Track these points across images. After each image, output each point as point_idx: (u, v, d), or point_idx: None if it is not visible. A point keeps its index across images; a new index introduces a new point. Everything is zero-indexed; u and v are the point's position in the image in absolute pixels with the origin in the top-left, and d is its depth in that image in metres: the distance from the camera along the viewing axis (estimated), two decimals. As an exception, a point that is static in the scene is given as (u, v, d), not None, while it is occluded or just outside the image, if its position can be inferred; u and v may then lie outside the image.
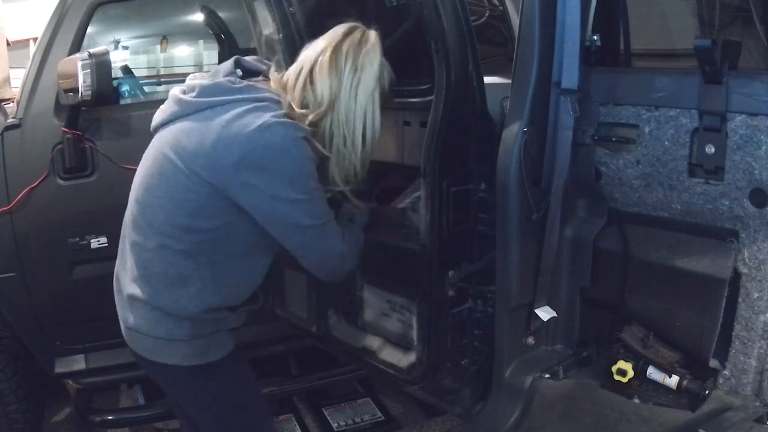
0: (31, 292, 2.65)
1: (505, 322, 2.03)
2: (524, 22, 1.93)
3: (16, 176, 2.57)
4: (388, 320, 2.38)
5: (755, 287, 1.72)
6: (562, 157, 1.94)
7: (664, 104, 1.82)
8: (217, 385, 1.84)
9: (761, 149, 1.65)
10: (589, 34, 1.94)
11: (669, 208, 1.87)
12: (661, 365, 1.89)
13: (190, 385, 1.83)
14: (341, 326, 2.55)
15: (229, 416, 1.87)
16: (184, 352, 1.76)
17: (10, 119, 2.62)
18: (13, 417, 2.64)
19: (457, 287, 2.09)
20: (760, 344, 1.73)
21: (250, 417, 1.92)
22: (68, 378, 2.83)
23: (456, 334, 2.14)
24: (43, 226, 2.61)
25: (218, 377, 1.84)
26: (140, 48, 3.73)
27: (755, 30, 1.99)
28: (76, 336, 2.77)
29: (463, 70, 1.98)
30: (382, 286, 2.39)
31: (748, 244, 1.72)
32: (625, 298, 1.97)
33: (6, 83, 2.97)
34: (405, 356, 2.28)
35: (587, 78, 1.94)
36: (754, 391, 1.76)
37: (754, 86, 1.67)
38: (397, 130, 2.36)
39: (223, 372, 1.84)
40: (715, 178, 1.74)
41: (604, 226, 2.00)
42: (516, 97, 1.96)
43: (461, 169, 2.06)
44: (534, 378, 2.02)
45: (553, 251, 1.99)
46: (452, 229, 2.05)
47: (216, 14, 3.28)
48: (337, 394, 3.30)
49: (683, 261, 1.83)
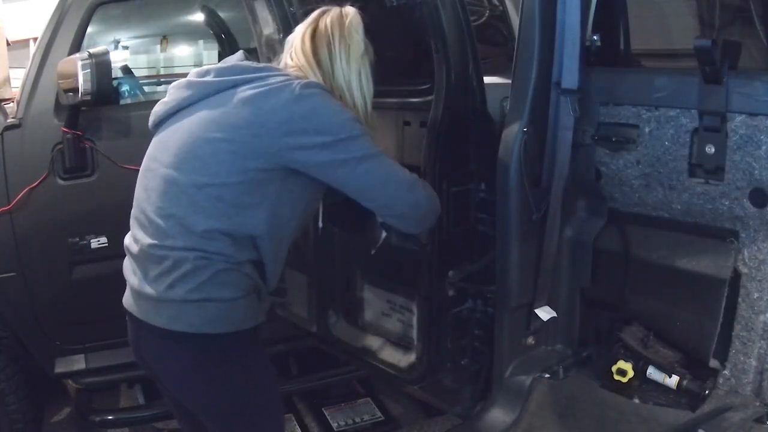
0: (31, 292, 2.65)
1: (505, 322, 2.03)
2: (524, 22, 1.93)
3: (16, 176, 2.57)
4: (388, 320, 2.38)
5: (755, 287, 1.72)
6: (562, 157, 1.94)
7: (664, 104, 1.82)
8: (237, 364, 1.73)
9: (761, 149, 1.65)
10: (589, 34, 1.94)
11: (669, 208, 1.87)
12: (661, 365, 1.89)
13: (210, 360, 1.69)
14: (341, 326, 2.55)
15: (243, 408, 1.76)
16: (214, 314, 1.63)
17: (10, 119, 2.61)
18: (13, 417, 2.64)
19: (457, 287, 2.09)
20: (760, 344, 1.73)
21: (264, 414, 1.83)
22: (68, 378, 2.83)
23: (456, 334, 2.14)
24: (43, 226, 2.61)
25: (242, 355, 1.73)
26: (140, 48, 3.73)
27: (755, 30, 1.99)
28: (76, 336, 2.76)
29: (463, 70, 1.98)
30: (382, 286, 2.39)
31: (748, 244, 1.72)
32: (625, 298, 1.97)
33: (6, 83, 2.97)
34: (405, 356, 2.28)
35: (587, 78, 1.94)
36: (754, 391, 1.76)
37: (754, 86, 1.67)
38: (397, 130, 2.36)
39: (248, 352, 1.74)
40: (715, 178, 1.75)
41: (604, 226, 2.01)
42: (516, 97, 1.97)
43: (461, 169, 2.06)
44: (534, 378, 2.02)
45: (553, 251, 1.99)
46: (452, 229, 2.05)
47: (216, 14, 3.28)
48: (337, 394, 3.30)
49: (683, 261, 1.83)
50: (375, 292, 2.42)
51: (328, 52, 1.75)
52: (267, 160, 1.61)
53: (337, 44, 1.75)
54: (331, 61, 1.75)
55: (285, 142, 1.61)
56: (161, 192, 1.65)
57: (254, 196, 1.63)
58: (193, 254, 1.60)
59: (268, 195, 1.64)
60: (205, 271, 1.61)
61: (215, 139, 1.61)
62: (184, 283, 1.61)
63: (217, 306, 1.63)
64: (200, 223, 1.60)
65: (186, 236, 1.61)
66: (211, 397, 1.75)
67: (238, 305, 1.66)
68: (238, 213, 1.62)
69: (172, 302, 1.63)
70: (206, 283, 1.61)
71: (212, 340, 1.65)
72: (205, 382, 1.72)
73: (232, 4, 3.17)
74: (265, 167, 1.61)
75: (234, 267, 1.63)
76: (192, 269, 1.61)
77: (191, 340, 1.64)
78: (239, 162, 1.60)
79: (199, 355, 1.67)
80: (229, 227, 1.61)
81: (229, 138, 1.61)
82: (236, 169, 1.60)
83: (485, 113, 2.07)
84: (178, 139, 1.66)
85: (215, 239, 1.61)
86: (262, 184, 1.63)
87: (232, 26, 3.25)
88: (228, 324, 1.66)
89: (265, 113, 1.61)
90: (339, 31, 1.76)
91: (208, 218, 1.60)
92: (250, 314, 1.71)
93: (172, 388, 1.81)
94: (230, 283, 1.64)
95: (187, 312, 1.62)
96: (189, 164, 1.62)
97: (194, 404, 1.81)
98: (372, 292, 2.43)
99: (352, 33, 1.77)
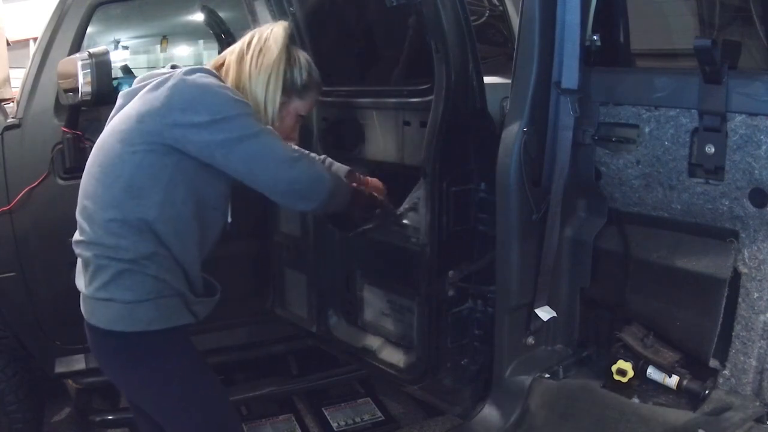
0: (31, 292, 2.65)
1: (505, 322, 2.03)
2: (524, 22, 1.93)
3: (16, 176, 2.57)
4: (388, 320, 2.38)
5: (755, 287, 1.72)
6: (562, 157, 1.94)
7: (664, 104, 1.82)
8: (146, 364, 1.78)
9: (761, 149, 1.65)
10: (589, 34, 1.94)
11: (669, 208, 1.87)
12: (661, 365, 1.89)
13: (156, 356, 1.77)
14: (341, 326, 2.55)
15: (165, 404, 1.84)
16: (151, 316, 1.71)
17: (10, 119, 2.61)
18: (13, 417, 2.64)
19: (457, 287, 2.09)
20: (760, 344, 1.73)
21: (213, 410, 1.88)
22: (68, 378, 2.82)
23: (456, 334, 2.14)
24: (43, 226, 2.61)
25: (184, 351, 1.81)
26: (140, 48, 3.73)
27: (755, 30, 1.99)
28: (76, 336, 2.73)
29: (463, 70, 1.98)
30: (382, 286, 2.39)
31: (748, 244, 1.72)
32: (625, 298, 1.97)
33: (6, 83, 2.97)
34: (405, 356, 2.28)
35: (587, 78, 1.94)
36: (754, 391, 1.76)
37: (754, 86, 1.67)
38: (397, 130, 2.36)
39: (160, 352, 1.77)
40: (715, 178, 1.75)
41: (604, 226, 2.00)
42: (516, 97, 1.96)
43: (461, 169, 2.06)
44: (534, 378, 2.02)
45: (553, 251, 1.99)
46: (452, 229, 2.05)
47: (216, 14, 3.27)
48: (337, 394, 3.30)
49: (683, 261, 1.83)
50: (375, 292, 2.42)
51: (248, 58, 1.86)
52: (150, 139, 1.69)
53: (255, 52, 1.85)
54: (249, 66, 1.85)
55: (165, 121, 1.68)
56: (82, 193, 1.78)
57: (145, 179, 1.69)
58: (96, 250, 1.70)
59: (161, 177, 1.70)
60: (107, 270, 1.69)
61: (115, 132, 1.73)
62: (93, 281, 1.72)
63: (120, 306, 1.70)
64: (98, 213, 1.71)
65: (91, 230, 1.72)
66: (131, 391, 1.89)
67: (142, 307, 1.70)
68: (131, 198, 1.69)
69: (88, 298, 1.75)
70: (110, 283, 1.70)
71: (120, 338, 1.73)
72: (122, 376, 1.84)
73: (232, 4, 3.17)
74: (149, 148, 1.68)
75: (135, 268, 1.69)
76: (96, 269, 1.71)
77: (105, 336, 1.74)
78: (126, 147, 1.70)
79: (112, 351, 1.78)
80: (123, 214, 1.68)
81: (122, 129, 1.72)
82: (126, 154, 1.69)
83: (485, 113, 2.07)
84: (98, 144, 1.79)
85: (113, 231, 1.69)
86: (154, 166, 1.69)
87: (232, 26, 3.25)
88: (132, 324, 1.71)
89: (149, 101, 1.71)
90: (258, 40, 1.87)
91: (106, 208, 1.70)
92: (163, 315, 1.74)
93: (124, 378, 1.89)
94: (132, 286, 1.70)
95: (98, 308, 1.73)
96: (101, 161, 1.74)
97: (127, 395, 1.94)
98: (372, 292, 2.43)
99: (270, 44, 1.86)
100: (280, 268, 2.69)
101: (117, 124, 1.75)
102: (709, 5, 2.21)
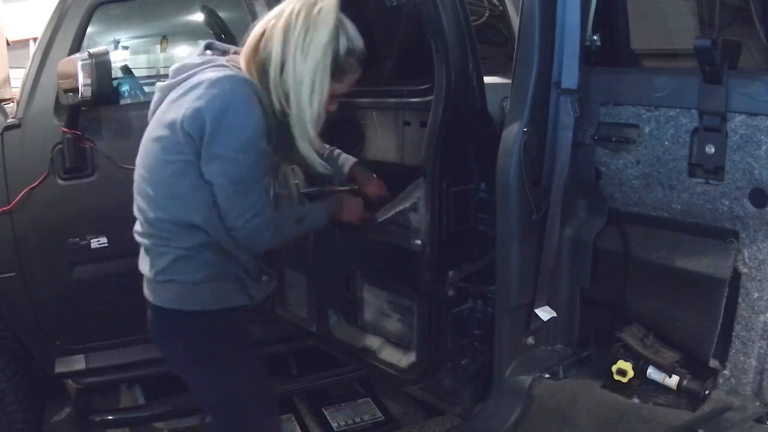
0: (31, 292, 2.65)
1: (505, 322, 2.03)
2: (524, 22, 1.93)
3: (16, 176, 2.57)
4: (388, 320, 2.38)
5: (755, 287, 1.72)
6: (562, 157, 1.94)
7: (664, 104, 1.82)
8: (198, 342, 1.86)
9: (761, 149, 1.65)
10: (589, 34, 1.94)
11: (669, 208, 1.87)
12: (661, 365, 1.89)
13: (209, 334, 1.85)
14: (341, 326, 2.55)
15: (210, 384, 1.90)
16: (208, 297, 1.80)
17: (10, 119, 2.61)
18: (13, 417, 2.64)
19: (457, 287, 2.09)
20: (760, 344, 1.73)
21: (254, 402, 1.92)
22: (68, 378, 2.82)
23: (456, 334, 2.14)
24: (43, 226, 2.61)
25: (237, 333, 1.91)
26: (140, 48, 3.73)
27: (755, 30, 1.99)
28: (76, 336, 2.77)
29: (463, 70, 1.98)
30: (382, 286, 2.39)
31: (748, 244, 1.72)
32: (625, 298, 1.97)
33: (6, 83, 2.97)
34: (405, 356, 2.28)
35: (587, 78, 1.94)
36: (754, 391, 1.76)
37: (754, 86, 1.67)
38: (397, 130, 2.36)
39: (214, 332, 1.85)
40: (715, 178, 1.74)
41: (604, 226, 2.00)
42: (516, 97, 1.97)
43: (461, 169, 2.06)
44: (534, 378, 2.02)
45: (553, 251, 1.99)
46: (452, 229, 2.05)
47: (216, 14, 3.27)
48: (337, 394, 3.30)
49: (683, 261, 1.83)
50: (375, 292, 2.42)
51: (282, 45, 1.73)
52: (186, 149, 1.72)
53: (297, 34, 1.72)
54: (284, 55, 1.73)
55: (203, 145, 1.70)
56: (136, 188, 1.84)
57: (185, 187, 1.74)
58: (152, 241, 1.80)
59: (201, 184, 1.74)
60: (166, 257, 1.78)
61: (156, 138, 1.77)
62: (154, 266, 1.81)
63: (180, 286, 1.79)
64: (149, 212, 1.78)
65: (147, 224, 1.80)
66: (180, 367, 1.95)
67: (200, 288, 1.79)
68: (176, 203, 1.75)
69: (151, 281, 1.84)
70: (168, 268, 1.79)
71: (178, 315, 1.81)
72: (174, 352, 1.92)
73: (232, 4, 3.17)
74: (186, 159, 1.72)
75: (192, 254, 1.78)
76: (155, 255, 1.80)
77: (165, 313, 1.82)
78: (165, 155, 1.74)
79: (169, 328, 1.86)
80: (171, 215, 1.76)
81: (160, 135, 1.76)
82: (162, 162, 1.75)
83: (485, 113, 2.07)
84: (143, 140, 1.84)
85: (165, 228, 1.77)
86: (191, 175, 1.73)
87: (232, 26, 3.25)
88: (190, 303, 1.80)
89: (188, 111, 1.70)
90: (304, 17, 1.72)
91: (157, 209, 1.77)
92: (220, 297, 1.83)
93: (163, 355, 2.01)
94: (190, 270, 1.78)
95: (159, 289, 1.82)
96: (145, 162, 1.80)
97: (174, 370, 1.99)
98: (372, 292, 2.43)
99: (318, 23, 1.73)
100: (280, 268, 2.69)
101: (156, 127, 1.78)
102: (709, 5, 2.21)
